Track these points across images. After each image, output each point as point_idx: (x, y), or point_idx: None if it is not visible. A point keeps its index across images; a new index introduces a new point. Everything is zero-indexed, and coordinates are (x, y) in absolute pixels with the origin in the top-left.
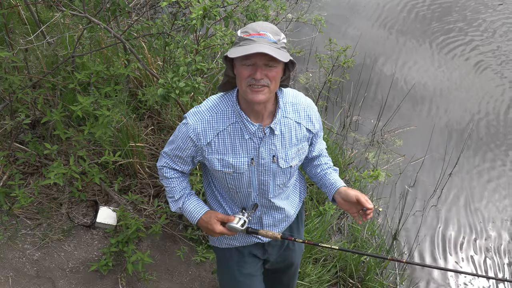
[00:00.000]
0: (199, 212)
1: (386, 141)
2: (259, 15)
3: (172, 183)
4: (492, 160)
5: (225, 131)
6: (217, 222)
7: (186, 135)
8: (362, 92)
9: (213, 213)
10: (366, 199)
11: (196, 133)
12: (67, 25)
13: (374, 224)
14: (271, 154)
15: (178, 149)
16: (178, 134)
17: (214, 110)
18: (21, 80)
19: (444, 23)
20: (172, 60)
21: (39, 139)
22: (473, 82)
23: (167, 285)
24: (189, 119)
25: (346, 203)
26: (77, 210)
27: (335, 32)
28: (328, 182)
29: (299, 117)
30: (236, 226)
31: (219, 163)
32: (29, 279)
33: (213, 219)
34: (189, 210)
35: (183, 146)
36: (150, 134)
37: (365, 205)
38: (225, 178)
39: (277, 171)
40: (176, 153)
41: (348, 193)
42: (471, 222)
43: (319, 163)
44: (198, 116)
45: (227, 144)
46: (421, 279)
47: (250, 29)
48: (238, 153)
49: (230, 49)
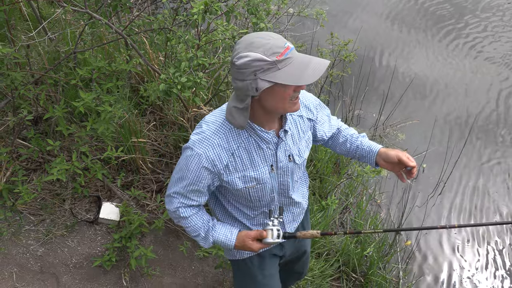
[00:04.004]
0: (231, 239)
1: (388, 135)
2: (261, 10)
3: (192, 221)
4: (495, 152)
5: (240, 148)
6: (253, 242)
7: (199, 166)
8: (364, 86)
9: (244, 235)
10: (408, 158)
11: (210, 160)
12: (69, 21)
13: (376, 218)
14: (287, 154)
15: (192, 183)
16: (189, 167)
17: (221, 131)
18: (23, 76)
19: (446, 16)
20: (173, 56)
21: (42, 135)
22: (475, 74)
23: (170, 280)
24: (197, 149)
25: (388, 164)
26: (80, 205)
27: (337, 25)
28: (364, 151)
29: (299, 110)
30: (274, 241)
31: (240, 180)
32: (33, 274)
33: (247, 241)
34: (221, 241)
35: (198, 178)
36: (152, 130)
37: (408, 164)
38: (248, 193)
39: (294, 168)
40: (190, 189)
41: (388, 155)
42: (475, 215)
43: (345, 139)
44: (206, 142)
45: (245, 160)
46: (424, 273)
47: (275, 47)
48: (257, 165)
49: (268, 76)
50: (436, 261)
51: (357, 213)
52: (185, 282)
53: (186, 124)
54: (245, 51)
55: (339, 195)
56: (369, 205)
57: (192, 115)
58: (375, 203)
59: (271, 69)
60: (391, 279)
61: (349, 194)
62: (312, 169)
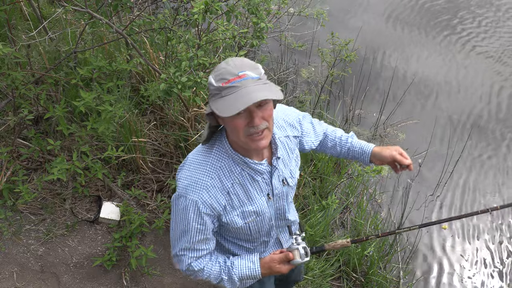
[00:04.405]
0: (255, 269)
1: (389, 135)
2: (261, 9)
3: (209, 270)
4: (496, 152)
5: (234, 184)
6: (280, 266)
7: (198, 213)
8: (364, 85)
9: (268, 260)
10: (402, 156)
11: (207, 204)
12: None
13: (377, 218)
14: (281, 179)
15: (197, 234)
16: (188, 219)
17: (212, 170)
18: (23, 76)
19: (447, 15)
20: (174, 55)
21: (42, 134)
22: (476, 74)
23: (170, 280)
24: (191, 195)
25: (382, 162)
26: (80, 205)
27: (338, 25)
28: (356, 153)
29: (285, 130)
30: (301, 261)
31: (239, 217)
32: (34, 274)
33: (274, 266)
34: (247, 275)
35: (201, 226)
36: (153, 129)
37: (403, 162)
38: (248, 228)
39: (288, 190)
40: (196, 240)
41: (382, 155)
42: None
43: (334, 143)
44: (197, 186)
45: (241, 196)
46: (424, 273)
47: (226, 73)
48: (254, 198)
49: (212, 102)
50: (437, 261)
51: (357, 212)
52: (186, 281)
53: (186, 124)
54: (211, 74)
55: (339, 194)
56: (369, 204)
57: (193, 114)
58: (376, 202)
59: (217, 95)
60: (391, 279)
61: (350, 193)
62: (313, 168)
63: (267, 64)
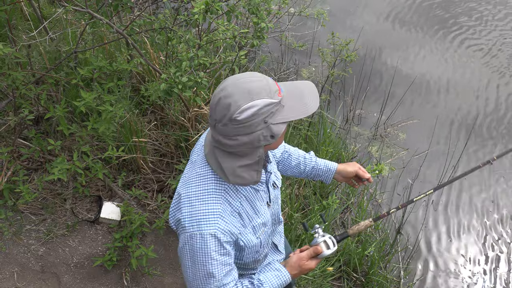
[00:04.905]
0: (284, 276)
1: (389, 135)
2: (261, 9)
3: None
4: (498, 151)
5: (242, 203)
6: (309, 262)
7: (219, 244)
8: (365, 85)
9: (295, 261)
10: (363, 171)
11: (226, 232)
12: (70, 21)
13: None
14: (271, 183)
15: (222, 267)
16: (210, 255)
17: (218, 196)
18: (24, 76)
19: (448, 15)
20: (174, 55)
21: (43, 135)
22: (476, 74)
23: (171, 280)
24: (206, 229)
25: (345, 178)
26: (81, 205)
27: (338, 25)
28: (321, 171)
29: None
30: (330, 251)
31: (252, 234)
32: (34, 274)
33: (303, 264)
34: (278, 285)
35: (225, 257)
36: (153, 129)
37: (364, 176)
38: (260, 242)
39: (278, 192)
40: (223, 274)
41: (347, 171)
42: (475, 215)
43: (298, 162)
44: (209, 216)
45: (249, 212)
46: (425, 273)
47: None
48: (259, 209)
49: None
50: (437, 261)
51: (358, 212)
52: None
53: (187, 124)
54: (247, 102)
55: (340, 194)
56: (370, 204)
57: (193, 114)
58: (376, 202)
59: (278, 110)
60: (392, 278)
61: (350, 193)
62: None
63: (268, 64)
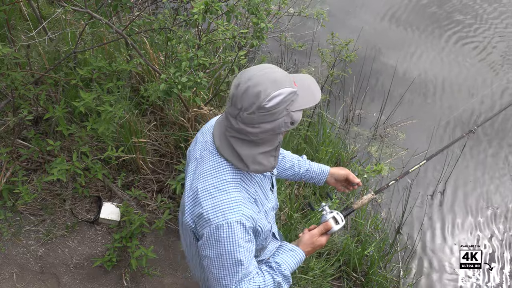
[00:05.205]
0: (299, 255)
1: (389, 135)
2: (261, 10)
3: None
4: (496, 152)
5: (256, 189)
6: (320, 238)
7: (245, 230)
8: (365, 85)
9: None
10: (353, 176)
11: (249, 217)
12: (69, 21)
13: (377, 218)
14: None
15: (249, 254)
16: (238, 243)
17: (236, 185)
18: (23, 76)
19: (447, 15)
20: (174, 55)
21: (42, 135)
22: (476, 74)
23: (171, 280)
24: (232, 217)
25: (337, 182)
26: (80, 206)
27: (338, 25)
28: (314, 173)
29: None
30: (340, 226)
31: (265, 218)
32: (34, 275)
33: (315, 241)
34: (295, 263)
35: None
36: (153, 130)
37: (354, 181)
38: (270, 227)
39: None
40: (249, 261)
41: (339, 174)
42: (475, 215)
43: (292, 164)
44: (233, 204)
45: (261, 197)
46: (424, 273)
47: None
48: (268, 195)
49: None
50: (437, 261)
51: (357, 212)
52: (186, 282)
53: (186, 124)
54: (274, 90)
55: (339, 194)
56: (369, 204)
57: (193, 115)
58: (376, 202)
59: (296, 98)
60: (391, 278)
61: (350, 193)
62: None
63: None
